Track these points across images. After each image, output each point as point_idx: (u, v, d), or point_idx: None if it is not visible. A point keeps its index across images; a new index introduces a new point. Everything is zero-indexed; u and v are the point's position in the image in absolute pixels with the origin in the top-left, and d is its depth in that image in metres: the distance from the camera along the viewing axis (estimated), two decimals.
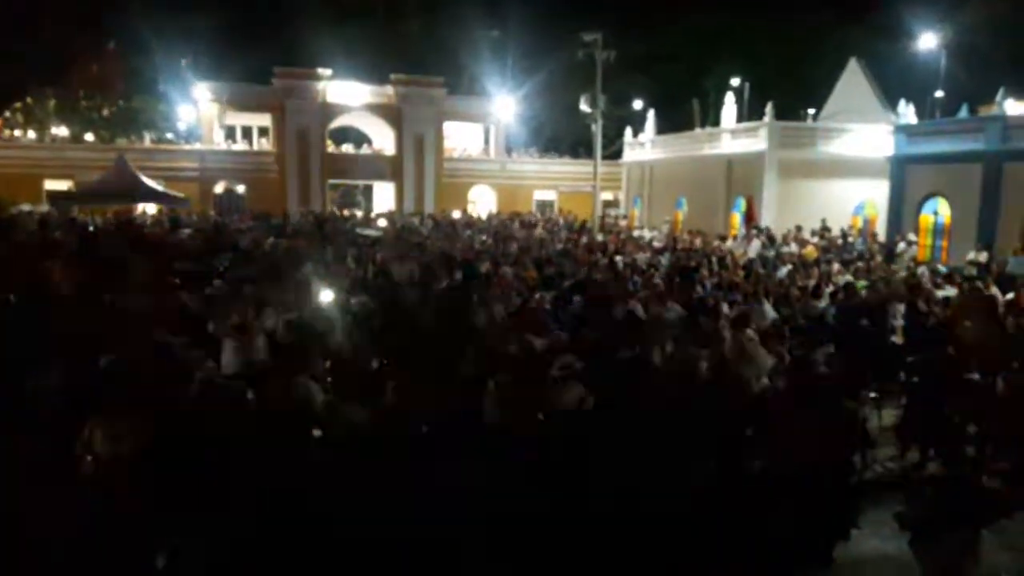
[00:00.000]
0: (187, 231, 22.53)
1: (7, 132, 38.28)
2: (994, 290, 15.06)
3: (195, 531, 6.25)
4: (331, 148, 40.25)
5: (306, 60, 38.63)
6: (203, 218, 29.04)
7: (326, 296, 11.46)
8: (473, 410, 8.18)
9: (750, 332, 10.07)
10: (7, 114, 35.21)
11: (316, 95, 38.16)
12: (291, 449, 6.96)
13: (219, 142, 39.44)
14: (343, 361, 9.08)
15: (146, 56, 39.39)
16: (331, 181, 39.74)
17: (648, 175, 36.68)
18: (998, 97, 23.30)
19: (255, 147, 41.40)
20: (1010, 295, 14.63)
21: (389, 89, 39.31)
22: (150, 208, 29.92)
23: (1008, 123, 22.46)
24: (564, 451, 7.87)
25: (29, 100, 36.92)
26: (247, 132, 42.72)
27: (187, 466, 7.50)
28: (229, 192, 38.26)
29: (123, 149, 32.48)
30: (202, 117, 38.97)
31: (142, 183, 25.93)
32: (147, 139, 40.82)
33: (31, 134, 40.27)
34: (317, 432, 7.39)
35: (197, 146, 38.71)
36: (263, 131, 41.41)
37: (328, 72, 38.12)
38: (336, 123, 40.36)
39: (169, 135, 44.74)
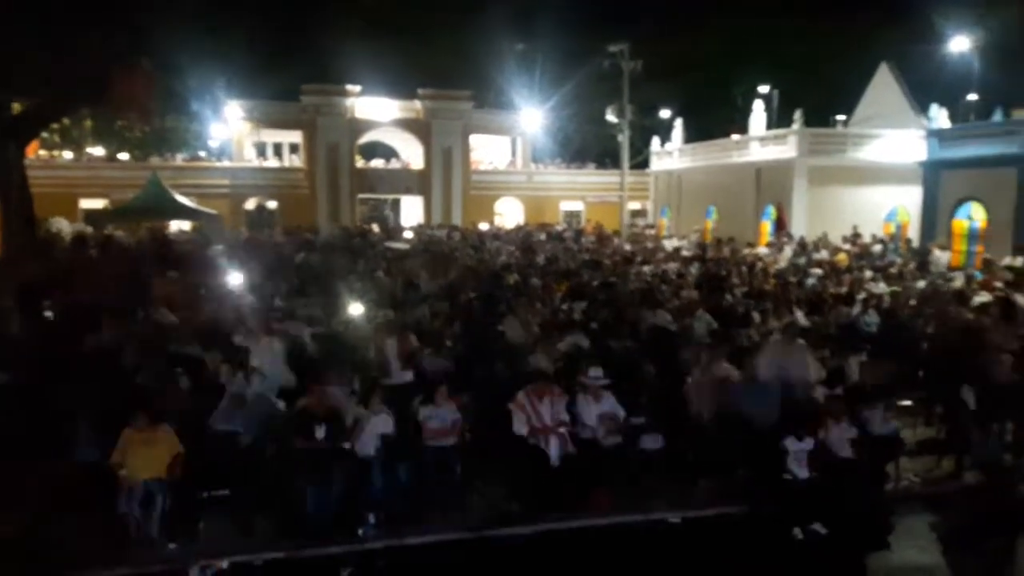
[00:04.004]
0: (220, 247, 22.84)
1: (44, 152, 39.08)
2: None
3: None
4: (360, 163, 40.61)
5: (335, 77, 39.00)
6: (235, 234, 29.42)
7: (356, 309, 11.55)
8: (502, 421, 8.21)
9: (801, 341, 9.89)
10: (44, 135, 36.00)
11: (345, 111, 38.54)
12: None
13: (250, 159, 39.94)
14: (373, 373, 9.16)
15: (179, 76, 39.99)
16: (360, 196, 40.08)
17: (676, 184, 36.49)
18: None
19: (286, 163, 41.91)
20: None
21: (417, 104, 39.60)
22: (184, 225, 30.38)
23: None
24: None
25: (66, 121, 37.67)
26: (278, 149, 43.27)
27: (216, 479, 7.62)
28: (260, 208, 38.69)
29: (156, 168, 33.00)
30: (233, 135, 39.60)
31: (175, 201, 26.35)
32: (179, 158, 41.52)
33: (67, 154, 41.16)
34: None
35: (228, 163, 39.29)
36: (294, 147, 41.91)
37: (357, 88, 38.49)
38: (365, 138, 40.72)
39: (201, 153, 45.41)
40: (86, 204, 33.81)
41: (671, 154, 37.16)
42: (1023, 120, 23.22)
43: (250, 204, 38.34)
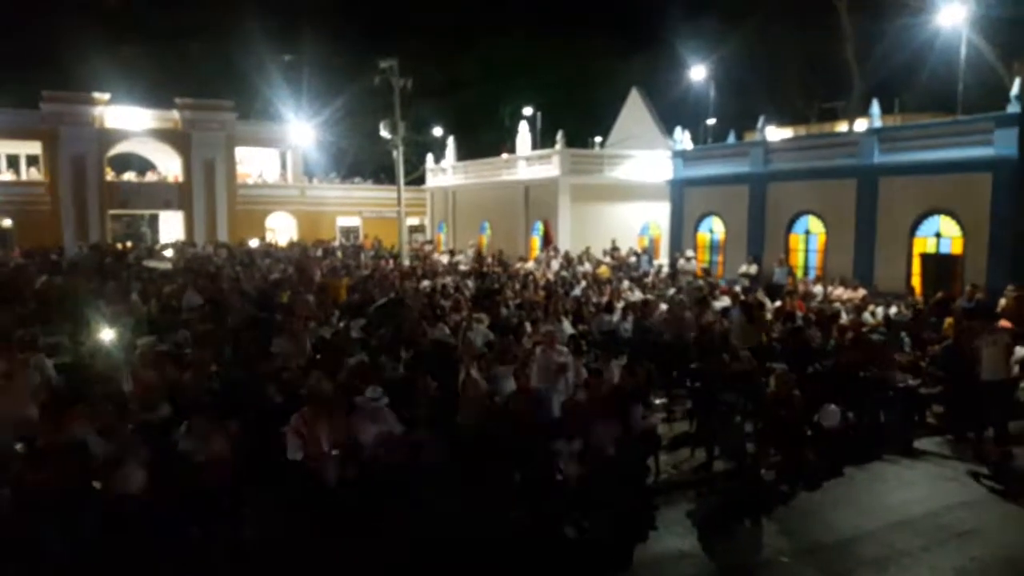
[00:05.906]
0: None
1: None
2: (763, 299, 16.61)
3: None
4: (111, 176, 37.47)
5: (81, 84, 35.80)
6: None
7: (108, 336, 10.61)
8: (276, 448, 7.88)
9: (560, 347, 10.44)
10: None
11: (92, 120, 35.44)
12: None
13: None
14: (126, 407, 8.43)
15: None
16: (112, 211, 36.96)
17: (452, 200, 37.17)
18: (759, 124, 25.74)
19: (23, 177, 37.73)
20: (777, 303, 16.21)
21: (174, 113, 37.28)
22: None
23: (768, 147, 24.89)
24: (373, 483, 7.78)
25: None
26: (13, 161, 38.86)
27: None
28: None
29: None
30: None
31: None
32: None
33: None
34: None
35: None
36: (32, 159, 37.85)
37: (105, 96, 35.54)
38: (116, 150, 37.67)
39: None
40: None
41: (445, 171, 37.84)
42: (753, 142, 26.02)
43: None
